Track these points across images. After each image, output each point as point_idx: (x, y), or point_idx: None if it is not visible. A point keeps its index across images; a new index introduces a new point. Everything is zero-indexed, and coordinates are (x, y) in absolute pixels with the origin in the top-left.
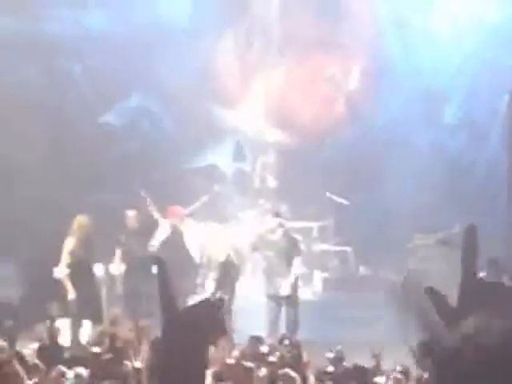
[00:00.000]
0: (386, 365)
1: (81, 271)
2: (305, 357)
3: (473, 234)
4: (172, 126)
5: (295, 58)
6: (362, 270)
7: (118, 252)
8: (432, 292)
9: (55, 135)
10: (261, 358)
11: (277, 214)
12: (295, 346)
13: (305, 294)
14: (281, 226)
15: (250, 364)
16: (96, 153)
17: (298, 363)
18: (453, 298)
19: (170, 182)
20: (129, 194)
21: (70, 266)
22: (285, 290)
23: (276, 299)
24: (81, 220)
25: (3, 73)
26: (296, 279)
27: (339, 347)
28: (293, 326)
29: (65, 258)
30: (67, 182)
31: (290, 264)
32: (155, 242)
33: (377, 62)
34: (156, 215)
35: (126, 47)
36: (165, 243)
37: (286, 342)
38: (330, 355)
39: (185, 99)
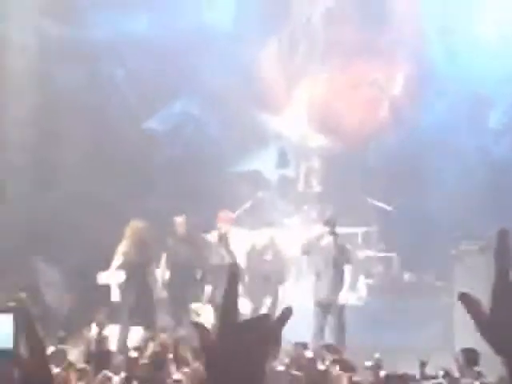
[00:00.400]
0: (428, 370)
1: (135, 276)
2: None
3: (505, 237)
4: (215, 132)
5: (338, 64)
6: (407, 276)
7: (164, 256)
8: (465, 298)
9: (99, 139)
10: (306, 365)
11: (327, 222)
12: (338, 352)
13: (349, 299)
14: (331, 233)
15: (297, 373)
16: (140, 158)
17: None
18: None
19: (213, 188)
20: (174, 200)
21: (123, 270)
22: (342, 299)
23: (323, 306)
24: (135, 224)
25: (48, 77)
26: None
27: (377, 355)
28: (339, 333)
29: (117, 262)
30: (113, 187)
31: (338, 272)
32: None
33: (421, 68)
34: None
35: (169, 52)
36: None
37: (330, 349)
38: (369, 363)
39: (228, 104)
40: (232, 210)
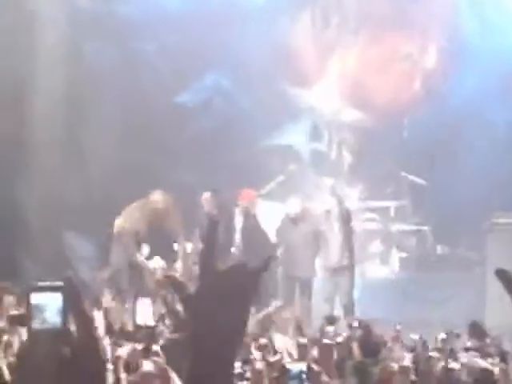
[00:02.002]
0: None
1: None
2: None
3: None
4: (247, 105)
5: (371, 37)
6: (440, 249)
7: (197, 232)
8: (502, 274)
9: (130, 114)
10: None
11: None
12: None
13: (382, 272)
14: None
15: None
16: (171, 132)
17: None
18: None
19: (244, 162)
20: (204, 174)
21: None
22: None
23: (333, 272)
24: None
25: (79, 52)
26: (350, 250)
27: (399, 327)
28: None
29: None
30: (144, 160)
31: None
32: (237, 235)
33: (454, 40)
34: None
35: (201, 26)
36: (242, 230)
37: (355, 323)
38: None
39: (260, 78)
40: (263, 184)
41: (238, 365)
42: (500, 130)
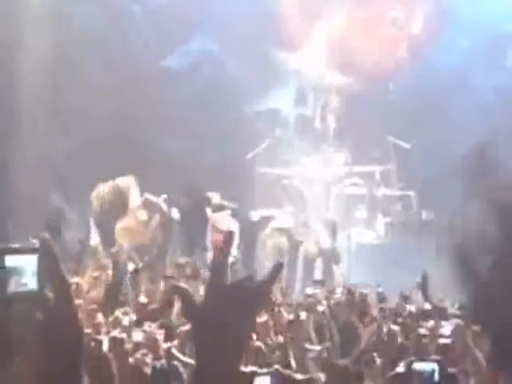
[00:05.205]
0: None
1: None
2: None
3: None
4: (234, 70)
5: (357, 2)
6: (425, 214)
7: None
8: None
9: (117, 77)
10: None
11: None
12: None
13: (367, 237)
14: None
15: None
16: (158, 96)
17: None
18: None
19: (231, 126)
20: (191, 139)
21: None
22: None
23: None
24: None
25: (64, 14)
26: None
27: (381, 289)
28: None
29: None
30: (131, 126)
31: None
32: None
33: (441, 5)
34: None
35: None
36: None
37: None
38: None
39: (247, 42)
40: (249, 148)
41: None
42: (487, 94)
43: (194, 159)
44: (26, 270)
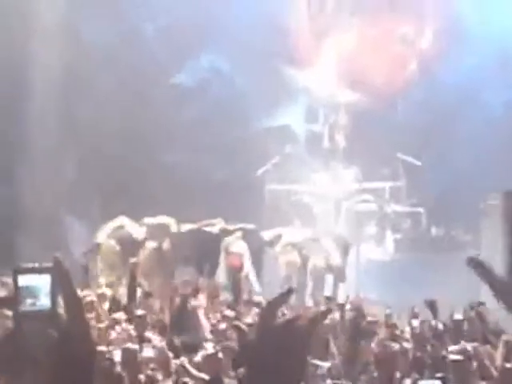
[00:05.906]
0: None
1: None
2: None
3: None
4: (243, 86)
5: (367, 19)
6: (434, 230)
7: None
8: (473, 262)
9: (127, 93)
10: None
11: None
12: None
13: (377, 254)
14: None
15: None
16: (167, 112)
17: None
18: None
19: (241, 142)
20: (201, 155)
21: None
22: None
23: None
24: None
25: (76, 30)
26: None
27: (388, 311)
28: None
29: None
30: (140, 142)
31: None
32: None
33: (450, 22)
34: None
35: (198, 6)
36: None
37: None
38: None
39: (257, 59)
40: (259, 164)
41: None
42: (496, 110)
43: (204, 175)
44: (38, 289)
